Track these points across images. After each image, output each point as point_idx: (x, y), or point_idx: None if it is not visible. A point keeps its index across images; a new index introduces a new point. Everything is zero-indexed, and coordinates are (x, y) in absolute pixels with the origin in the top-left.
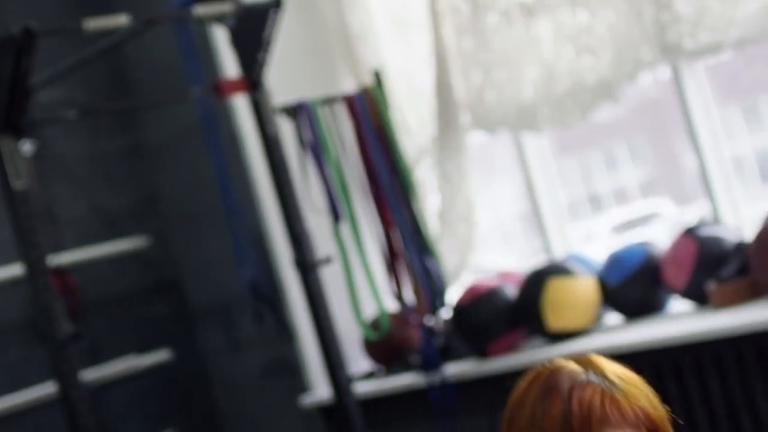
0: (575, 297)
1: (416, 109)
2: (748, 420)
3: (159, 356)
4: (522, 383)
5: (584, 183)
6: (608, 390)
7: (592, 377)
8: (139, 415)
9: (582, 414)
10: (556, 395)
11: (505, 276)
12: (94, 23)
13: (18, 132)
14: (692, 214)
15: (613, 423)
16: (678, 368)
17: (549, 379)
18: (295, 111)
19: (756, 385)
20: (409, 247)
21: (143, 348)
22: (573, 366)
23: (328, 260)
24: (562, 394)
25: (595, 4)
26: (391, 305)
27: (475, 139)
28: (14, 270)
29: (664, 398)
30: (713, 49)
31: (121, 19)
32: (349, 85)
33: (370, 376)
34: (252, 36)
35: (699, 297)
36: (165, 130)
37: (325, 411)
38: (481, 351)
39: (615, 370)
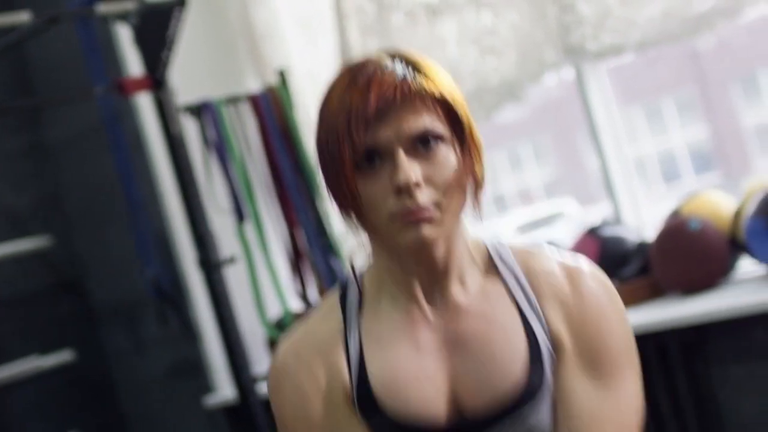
0: None
1: None
2: (649, 418)
3: (62, 357)
4: (335, 77)
5: (489, 183)
6: (407, 74)
7: (396, 65)
8: (43, 417)
9: (378, 94)
10: (359, 80)
11: None
12: None
13: None
14: (595, 213)
15: (406, 106)
16: None
17: (356, 68)
18: (199, 110)
19: (657, 383)
20: (314, 246)
21: (46, 349)
22: (382, 56)
23: (232, 260)
24: (367, 76)
25: (499, 6)
26: (296, 305)
27: None
28: None
29: None
30: (615, 51)
31: (23, 17)
32: (253, 85)
33: None
34: (156, 34)
35: None
36: (68, 128)
37: (229, 411)
38: None
39: (420, 59)
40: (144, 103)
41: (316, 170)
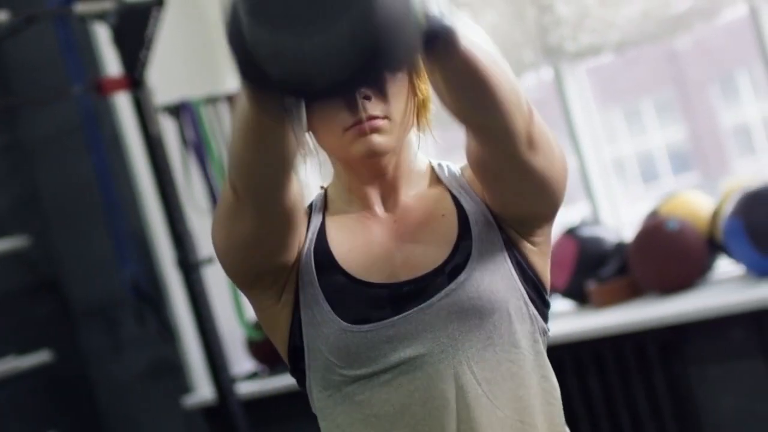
0: None
1: None
2: (628, 417)
3: (40, 357)
4: None
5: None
6: None
7: None
8: (20, 417)
9: None
10: None
11: None
12: None
13: None
14: (574, 214)
15: None
16: (559, 366)
17: None
18: (178, 110)
19: (635, 383)
20: None
21: (23, 349)
22: None
23: (210, 260)
24: None
25: (477, 6)
26: None
27: None
28: None
29: None
30: (594, 51)
31: (0, 16)
32: (232, 84)
33: (253, 376)
34: (134, 34)
35: (579, 296)
36: (46, 128)
37: (207, 412)
38: None
39: None
40: (122, 103)
41: None
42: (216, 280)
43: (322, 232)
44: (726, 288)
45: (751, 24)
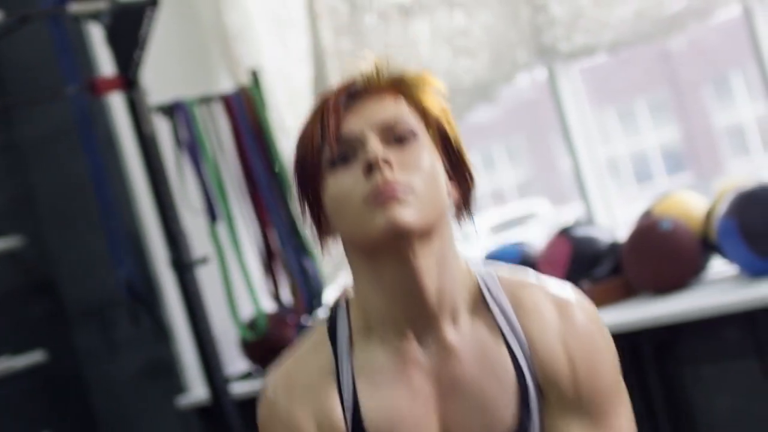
0: None
1: (294, 109)
2: None
3: (34, 357)
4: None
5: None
6: (392, 74)
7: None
8: (15, 417)
9: (347, 89)
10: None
11: None
12: None
13: None
14: (568, 214)
15: (378, 97)
16: None
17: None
18: (172, 110)
19: (629, 383)
20: (287, 247)
21: (18, 349)
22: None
23: (204, 260)
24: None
25: (471, 6)
26: (268, 305)
27: None
28: None
29: None
30: (588, 51)
31: None
32: (226, 85)
33: (247, 376)
34: (128, 34)
35: None
36: (40, 128)
37: (202, 412)
38: None
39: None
40: (116, 103)
41: (292, 184)
42: (210, 280)
43: (355, 397)
44: (720, 288)
45: (744, 24)
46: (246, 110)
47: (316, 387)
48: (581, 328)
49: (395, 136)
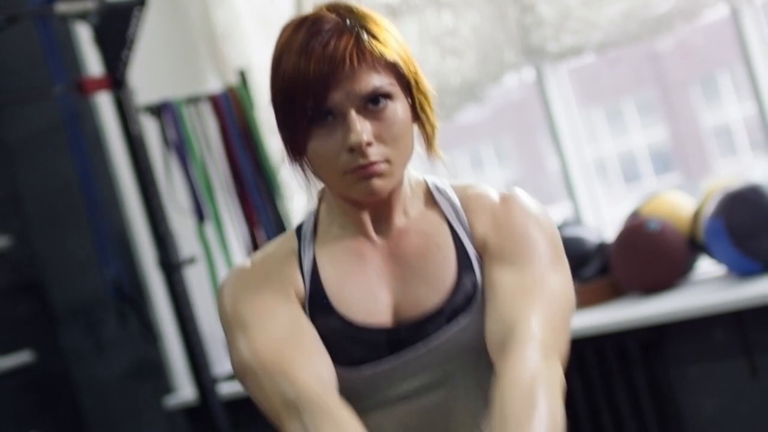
0: None
1: None
2: (609, 417)
3: (21, 358)
4: (288, 33)
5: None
6: (360, 39)
7: (348, 25)
8: (2, 417)
9: (331, 59)
10: (313, 46)
11: None
12: None
13: None
14: (556, 214)
15: (358, 69)
16: None
17: (310, 30)
18: (160, 110)
19: (616, 383)
20: None
21: (5, 349)
22: (334, 16)
23: (192, 260)
24: (321, 43)
25: (459, 7)
26: None
27: None
28: None
29: None
30: (576, 52)
31: None
32: (214, 85)
33: (234, 376)
34: (116, 34)
35: None
36: (27, 128)
37: (189, 412)
38: None
39: (370, 19)
40: (104, 103)
41: (275, 126)
42: (198, 281)
43: (315, 268)
44: (707, 288)
45: (732, 25)
46: (234, 110)
47: (281, 262)
48: (515, 209)
49: (372, 101)
